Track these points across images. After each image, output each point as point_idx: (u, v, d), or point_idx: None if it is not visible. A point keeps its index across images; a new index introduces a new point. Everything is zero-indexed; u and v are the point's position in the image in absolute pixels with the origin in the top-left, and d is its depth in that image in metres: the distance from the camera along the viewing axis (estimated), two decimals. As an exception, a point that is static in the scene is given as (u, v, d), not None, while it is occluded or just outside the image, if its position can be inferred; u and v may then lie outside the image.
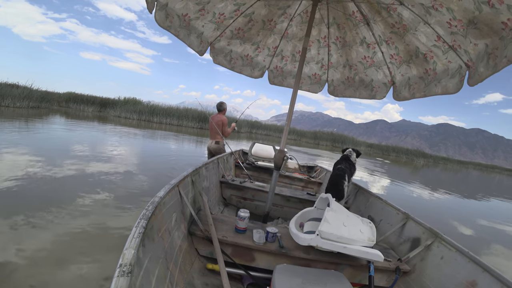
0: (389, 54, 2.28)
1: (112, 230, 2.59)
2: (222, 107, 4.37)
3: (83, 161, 4.96)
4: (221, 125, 4.21)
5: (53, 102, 18.13)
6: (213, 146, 4.22)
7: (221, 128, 4.21)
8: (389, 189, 7.93)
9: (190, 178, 1.93)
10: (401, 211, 2.13)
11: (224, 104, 4.40)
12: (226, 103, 4.41)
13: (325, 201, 1.75)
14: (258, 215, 2.66)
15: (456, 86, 1.78)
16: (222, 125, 4.21)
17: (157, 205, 1.25)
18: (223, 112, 4.38)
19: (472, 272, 1.40)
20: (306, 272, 1.36)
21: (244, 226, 1.71)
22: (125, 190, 3.75)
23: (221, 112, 4.36)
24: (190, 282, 1.35)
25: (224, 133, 4.23)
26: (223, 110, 4.37)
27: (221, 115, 4.32)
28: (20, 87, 15.87)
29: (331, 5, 2.23)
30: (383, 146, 32.89)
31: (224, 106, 4.39)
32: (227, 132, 4.27)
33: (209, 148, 4.31)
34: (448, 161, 36.60)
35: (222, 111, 4.37)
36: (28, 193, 3.14)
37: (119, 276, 0.74)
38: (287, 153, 2.30)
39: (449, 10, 1.53)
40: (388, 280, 1.69)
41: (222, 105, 4.39)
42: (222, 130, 4.22)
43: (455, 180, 16.24)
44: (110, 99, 20.88)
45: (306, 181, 3.91)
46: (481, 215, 6.45)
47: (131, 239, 0.92)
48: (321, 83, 3.01)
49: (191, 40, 2.18)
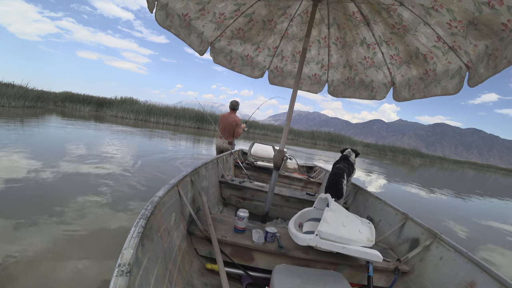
0: (389, 55, 2.28)
1: (111, 230, 2.57)
2: (236, 106, 4.23)
3: (80, 160, 4.92)
4: (235, 125, 4.10)
5: (49, 101, 17.97)
6: (225, 146, 4.10)
7: (234, 128, 4.13)
8: (387, 189, 7.97)
9: (189, 178, 1.92)
10: (400, 211, 2.14)
11: (238, 102, 4.26)
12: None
13: (324, 201, 1.74)
14: (258, 215, 2.65)
15: (456, 87, 1.78)
16: (235, 125, 4.11)
17: (156, 204, 1.24)
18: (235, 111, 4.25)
19: (471, 272, 1.41)
20: (305, 272, 1.36)
21: (243, 226, 1.70)
22: (124, 190, 3.73)
23: (234, 111, 4.22)
24: (189, 282, 1.35)
25: (236, 134, 4.17)
26: (236, 109, 4.24)
27: (234, 115, 4.19)
28: (15, 87, 15.72)
29: (331, 5, 2.23)
30: (379, 145, 33.08)
31: (237, 104, 4.25)
32: (239, 133, 4.18)
33: (219, 147, 4.21)
34: (444, 160, 36.93)
35: (235, 110, 4.24)
36: (25, 193, 3.11)
37: (118, 275, 0.74)
38: (287, 153, 2.29)
39: (449, 11, 1.53)
40: (387, 280, 1.69)
41: (236, 104, 4.24)
42: (234, 130, 4.14)
43: (451, 180, 16.36)
44: (106, 99, 20.77)
45: (306, 181, 3.92)
46: (480, 215, 6.50)
47: (130, 239, 0.91)
48: (321, 84, 3.01)
49: (192, 40, 2.18)
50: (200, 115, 19.54)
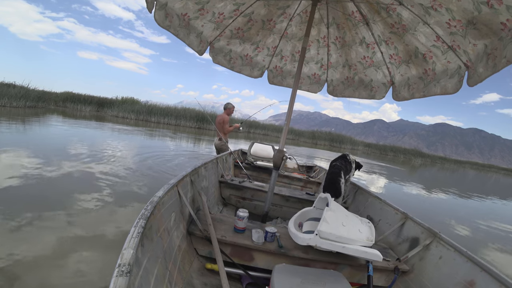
0: (389, 54, 2.28)
1: (111, 230, 2.57)
2: (225, 106, 4.79)
3: (80, 160, 4.93)
4: (221, 123, 4.58)
5: (50, 101, 18.02)
6: (216, 142, 4.66)
7: (221, 126, 4.58)
8: (387, 188, 7.95)
9: (189, 178, 1.93)
10: (400, 211, 2.14)
11: (228, 104, 4.79)
12: (232, 103, 4.81)
13: (324, 201, 1.75)
14: (257, 215, 2.66)
15: (455, 86, 1.78)
16: (222, 122, 4.58)
17: (156, 204, 1.24)
18: (226, 111, 4.75)
19: (471, 271, 1.41)
20: (305, 272, 1.36)
21: (243, 226, 1.70)
22: (124, 190, 3.73)
23: (224, 111, 4.75)
24: (189, 282, 1.35)
25: (225, 130, 4.61)
26: (226, 109, 4.76)
27: (223, 114, 4.70)
28: (16, 87, 15.75)
29: (330, 5, 2.23)
30: (380, 145, 33.04)
31: (227, 105, 4.78)
32: (226, 129, 4.65)
33: (214, 145, 4.74)
34: (445, 160, 36.85)
35: (225, 110, 4.75)
36: (26, 193, 3.11)
37: (118, 276, 0.74)
38: (286, 153, 2.30)
39: (448, 10, 1.53)
40: (386, 279, 1.70)
41: (226, 105, 4.80)
42: (222, 127, 4.59)
43: (452, 180, 16.33)
44: (107, 99, 20.82)
45: (305, 181, 3.92)
46: (479, 215, 6.49)
47: (129, 239, 0.91)
48: (321, 83, 3.01)
49: (191, 39, 2.18)
50: (201, 115, 19.55)
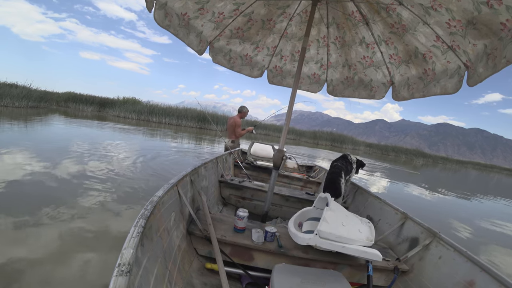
0: (388, 54, 2.28)
1: (111, 229, 2.58)
2: (240, 109, 4.79)
3: (82, 159, 4.95)
4: (234, 125, 4.60)
5: (52, 101, 18.10)
6: (229, 144, 4.62)
7: (233, 128, 4.61)
8: (387, 189, 7.94)
9: (189, 178, 1.93)
10: (400, 210, 2.13)
11: (244, 108, 4.77)
12: (246, 107, 4.76)
13: (324, 201, 1.75)
14: (257, 215, 2.66)
15: (455, 86, 1.78)
16: (234, 125, 4.60)
17: (155, 204, 1.25)
18: (240, 114, 4.74)
19: (470, 271, 1.41)
20: (304, 271, 1.36)
21: (243, 225, 1.71)
22: (124, 189, 3.74)
23: (238, 114, 4.75)
24: (189, 282, 1.36)
25: (237, 134, 4.62)
26: (240, 112, 4.75)
27: (236, 117, 4.68)
28: (19, 87, 15.83)
29: (330, 5, 2.23)
30: (382, 146, 32.95)
31: (243, 109, 4.76)
32: (239, 133, 4.63)
33: (225, 145, 4.70)
34: (447, 160, 36.69)
35: (239, 113, 4.75)
36: (27, 192, 3.13)
37: (118, 275, 0.74)
38: (286, 153, 2.30)
39: (448, 10, 1.53)
40: (386, 279, 1.70)
41: (241, 108, 4.79)
42: (234, 130, 4.61)
43: (454, 180, 16.27)
44: (109, 99, 20.87)
45: (305, 180, 3.91)
46: (479, 215, 6.46)
47: (129, 239, 0.92)
48: (320, 83, 3.01)
49: (190, 39, 2.18)
50: (202, 115, 19.57)
